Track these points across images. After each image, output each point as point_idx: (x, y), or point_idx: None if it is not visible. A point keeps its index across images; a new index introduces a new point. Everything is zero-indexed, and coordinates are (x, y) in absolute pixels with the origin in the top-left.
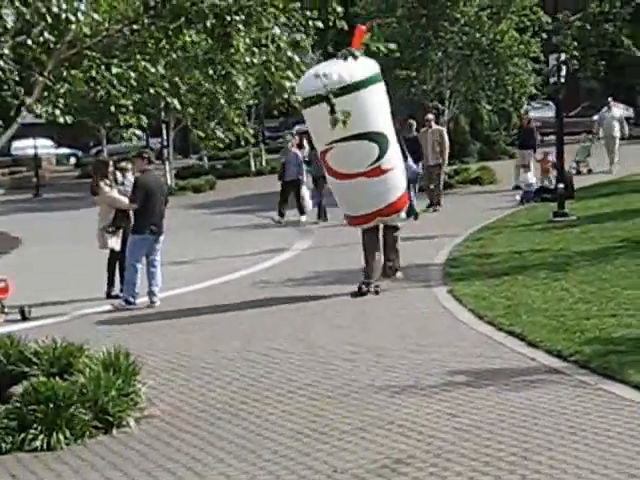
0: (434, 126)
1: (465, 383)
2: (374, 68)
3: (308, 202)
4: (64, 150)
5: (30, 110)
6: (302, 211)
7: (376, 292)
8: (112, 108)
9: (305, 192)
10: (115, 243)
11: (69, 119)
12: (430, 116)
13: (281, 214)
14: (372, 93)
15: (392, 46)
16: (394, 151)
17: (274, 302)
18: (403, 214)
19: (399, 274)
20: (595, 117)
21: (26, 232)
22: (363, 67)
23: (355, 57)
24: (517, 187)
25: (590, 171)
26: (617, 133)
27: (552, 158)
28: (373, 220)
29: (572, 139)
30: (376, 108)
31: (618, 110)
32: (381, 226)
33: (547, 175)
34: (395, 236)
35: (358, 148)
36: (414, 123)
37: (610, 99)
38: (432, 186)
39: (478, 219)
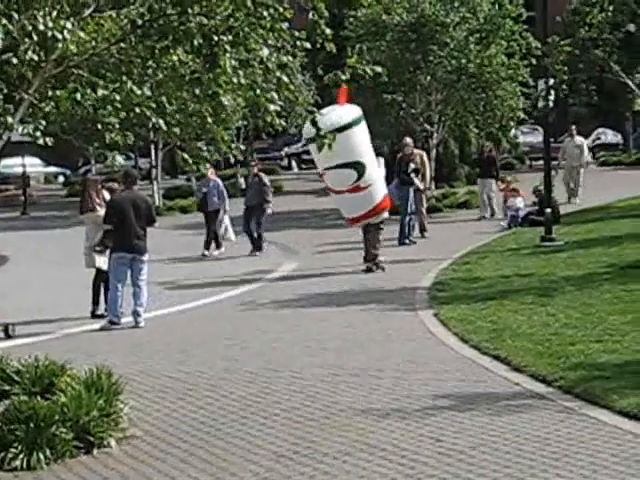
0: (415, 151)
1: (449, 407)
2: (357, 113)
3: (230, 232)
4: (52, 169)
5: (11, 130)
6: (219, 245)
7: (382, 269)
8: (99, 126)
9: (227, 222)
10: (102, 262)
11: (49, 141)
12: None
13: (207, 247)
14: (355, 132)
15: (378, 69)
16: (370, 172)
17: (260, 324)
18: (385, 214)
19: (382, 258)
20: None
21: (13, 250)
22: (348, 112)
23: None
24: (483, 217)
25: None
26: (577, 162)
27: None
28: (363, 220)
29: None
30: (357, 143)
31: (579, 138)
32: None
33: (509, 204)
34: (379, 231)
35: (342, 173)
36: (408, 144)
37: (573, 127)
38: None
39: (465, 243)
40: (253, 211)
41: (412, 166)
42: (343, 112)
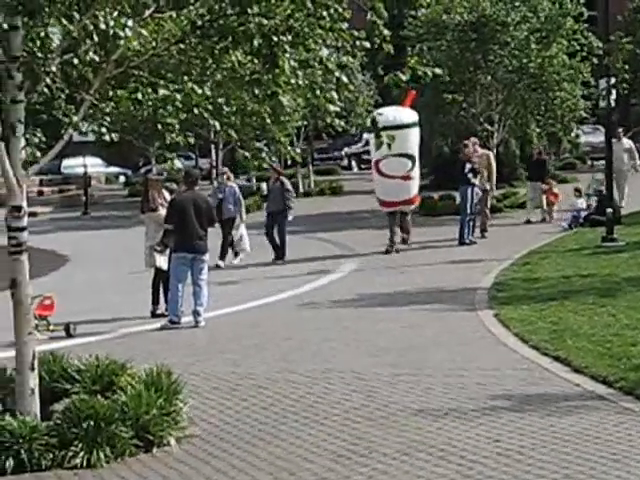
0: (480, 150)
1: (508, 408)
2: (415, 117)
3: (246, 242)
4: (113, 169)
5: (76, 128)
6: (236, 253)
7: (397, 251)
8: (159, 126)
9: (243, 231)
10: (163, 262)
11: (115, 137)
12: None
13: (222, 257)
14: (412, 131)
15: (438, 71)
16: (417, 167)
17: (318, 323)
18: (413, 206)
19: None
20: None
21: (74, 250)
22: (409, 115)
23: None
24: (528, 221)
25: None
26: (626, 166)
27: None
28: (397, 206)
29: None
30: (413, 141)
31: (627, 141)
32: (399, 211)
33: (551, 207)
34: (408, 217)
35: (400, 161)
36: (467, 144)
37: (620, 129)
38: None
39: (525, 243)
40: (275, 218)
41: (469, 166)
42: (407, 113)
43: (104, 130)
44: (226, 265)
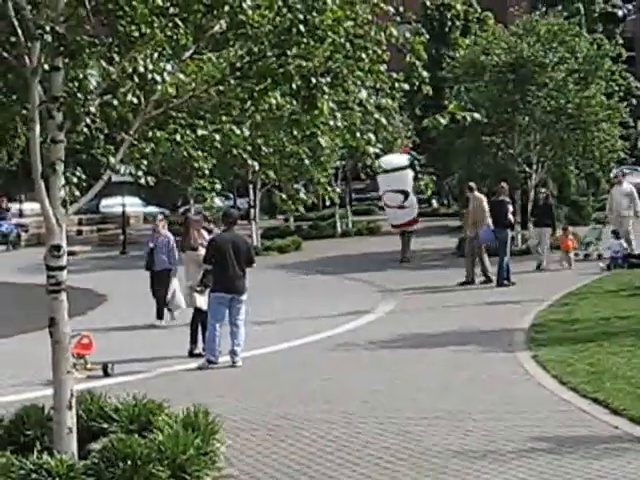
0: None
1: (546, 450)
2: (409, 161)
3: (180, 298)
4: (152, 208)
5: (113, 170)
6: (170, 310)
7: (408, 260)
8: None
9: (176, 285)
10: (203, 302)
11: (151, 180)
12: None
13: (160, 316)
14: (406, 172)
15: (477, 116)
16: (411, 199)
17: (356, 364)
18: (415, 227)
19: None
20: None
21: (112, 289)
22: (405, 159)
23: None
24: (539, 267)
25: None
26: (626, 212)
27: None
28: (402, 227)
29: None
30: (406, 179)
31: (628, 185)
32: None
33: (567, 254)
34: (410, 237)
35: (395, 195)
36: (504, 187)
37: (620, 173)
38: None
39: (563, 285)
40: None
41: (511, 209)
42: (403, 158)
43: (140, 173)
44: (164, 324)
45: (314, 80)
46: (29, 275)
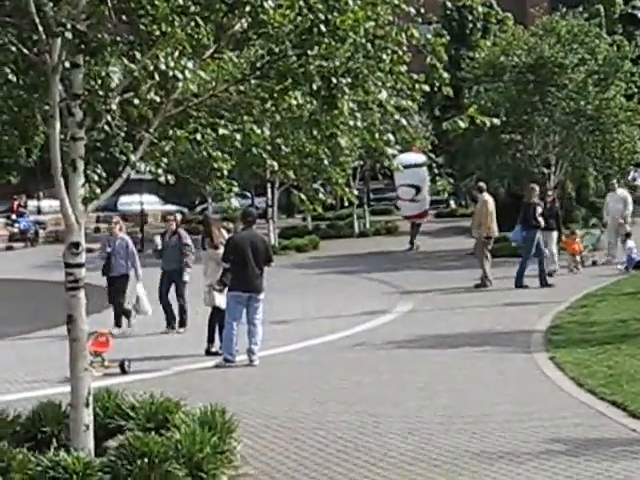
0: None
1: (563, 452)
2: (424, 159)
3: (145, 304)
4: (170, 207)
5: (134, 167)
6: (125, 313)
7: (417, 248)
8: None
9: (140, 290)
10: (221, 301)
11: (171, 178)
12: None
13: (118, 324)
14: (420, 170)
15: (496, 121)
16: (423, 194)
17: (373, 364)
18: (424, 220)
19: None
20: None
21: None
22: (420, 157)
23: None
24: (549, 274)
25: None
26: (622, 219)
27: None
28: (413, 219)
29: None
30: (420, 176)
31: (622, 191)
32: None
33: (574, 257)
34: (419, 227)
35: (407, 190)
36: (535, 188)
37: (614, 180)
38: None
39: (582, 286)
40: (170, 278)
41: (539, 210)
42: (418, 157)
43: (160, 171)
44: (121, 332)
45: (334, 80)
46: (47, 272)
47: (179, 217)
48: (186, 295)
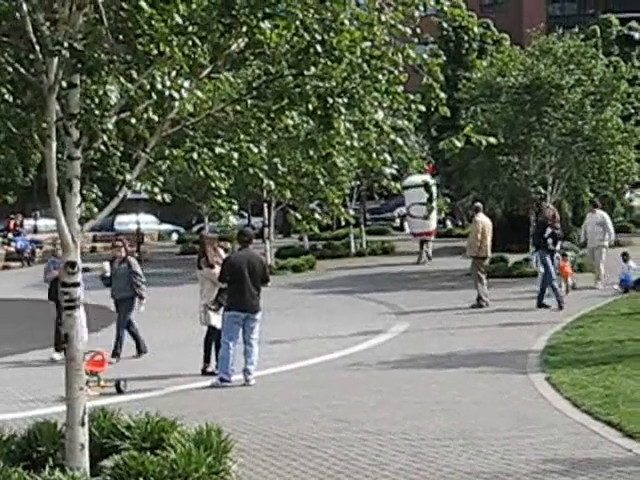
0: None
1: (559, 472)
2: (432, 180)
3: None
4: (166, 226)
5: (130, 187)
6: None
7: (424, 262)
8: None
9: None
10: (217, 321)
11: (167, 197)
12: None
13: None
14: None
15: (492, 140)
16: (433, 213)
17: (369, 384)
18: (432, 237)
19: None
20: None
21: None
22: (428, 178)
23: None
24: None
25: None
26: (599, 242)
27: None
28: (423, 236)
29: None
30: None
31: (601, 213)
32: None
33: (566, 279)
34: (429, 244)
35: (422, 208)
36: (549, 207)
37: (595, 201)
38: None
39: (578, 307)
40: (119, 307)
41: (549, 231)
42: (427, 177)
43: (156, 190)
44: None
45: (331, 100)
46: (43, 291)
47: (127, 243)
48: (135, 324)
